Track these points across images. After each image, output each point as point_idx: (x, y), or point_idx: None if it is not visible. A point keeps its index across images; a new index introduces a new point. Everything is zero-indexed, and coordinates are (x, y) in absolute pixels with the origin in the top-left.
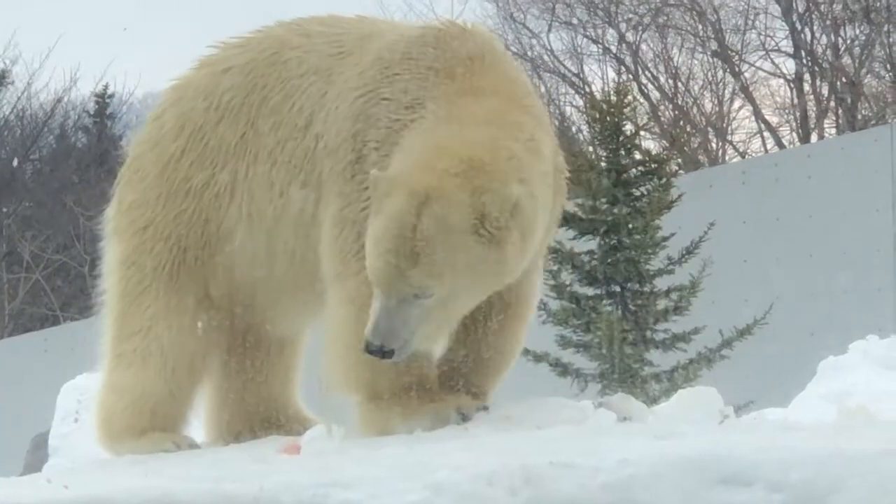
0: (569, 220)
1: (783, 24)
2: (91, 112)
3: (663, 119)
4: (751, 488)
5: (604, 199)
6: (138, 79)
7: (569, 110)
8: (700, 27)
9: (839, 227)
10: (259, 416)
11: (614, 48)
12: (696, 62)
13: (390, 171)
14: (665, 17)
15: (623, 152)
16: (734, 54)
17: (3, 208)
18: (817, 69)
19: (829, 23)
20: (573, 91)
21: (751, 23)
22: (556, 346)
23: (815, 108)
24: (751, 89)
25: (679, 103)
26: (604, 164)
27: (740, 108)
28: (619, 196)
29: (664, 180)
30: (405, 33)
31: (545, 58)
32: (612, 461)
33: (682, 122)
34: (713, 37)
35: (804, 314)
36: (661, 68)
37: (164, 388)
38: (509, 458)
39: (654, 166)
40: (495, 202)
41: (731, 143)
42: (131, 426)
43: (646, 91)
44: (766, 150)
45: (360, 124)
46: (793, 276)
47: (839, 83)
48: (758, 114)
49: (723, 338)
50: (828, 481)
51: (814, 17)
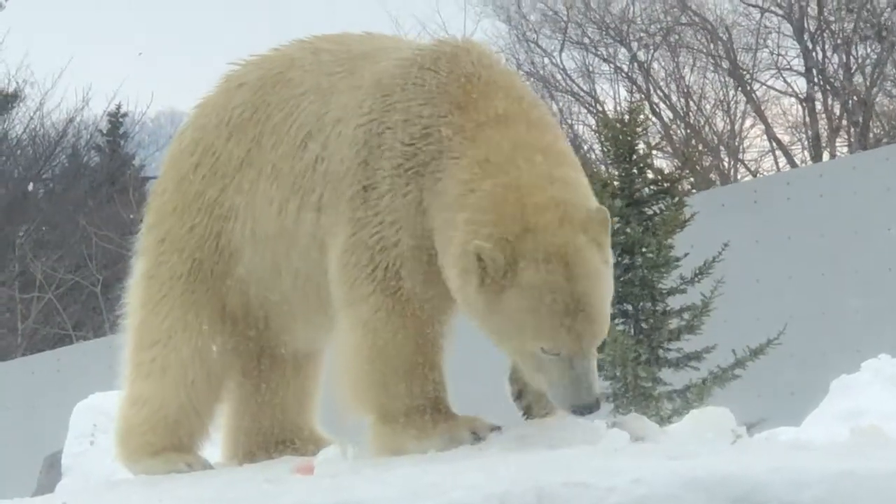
0: None
1: (795, 43)
2: (104, 131)
3: (675, 138)
4: None
5: (616, 219)
6: (151, 98)
7: (581, 129)
8: (712, 46)
9: (851, 246)
10: (274, 436)
11: (626, 67)
12: (707, 81)
13: (476, 235)
14: (677, 36)
15: (635, 171)
16: (746, 73)
17: (16, 229)
18: (829, 88)
19: (840, 42)
20: (585, 110)
21: (762, 42)
22: None
23: (826, 127)
24: (762, 108)
25: (691, 122)
26: (616, 184)
27: (752, 127)
28: (632, 215)
29: (676, 199)
30: (399, 56)
31: (557, 77)
32: (625, 481)
33: (694, 141)
34: (725, 56)
35: (816, 333)
36: (673, 87)
37: (185, 399)
38: (522, 479)
39: (666, 185)
40: (600, 230)
41: (742, 162)
42: (148, 443)
43: (658, 110)
44: (778, 169)
45: (367, 153)
46: (805, 295)
47: (851, 102)
48: (769, 133)
49: (735, 357)
50: (840, 501)
51: (825, 36)
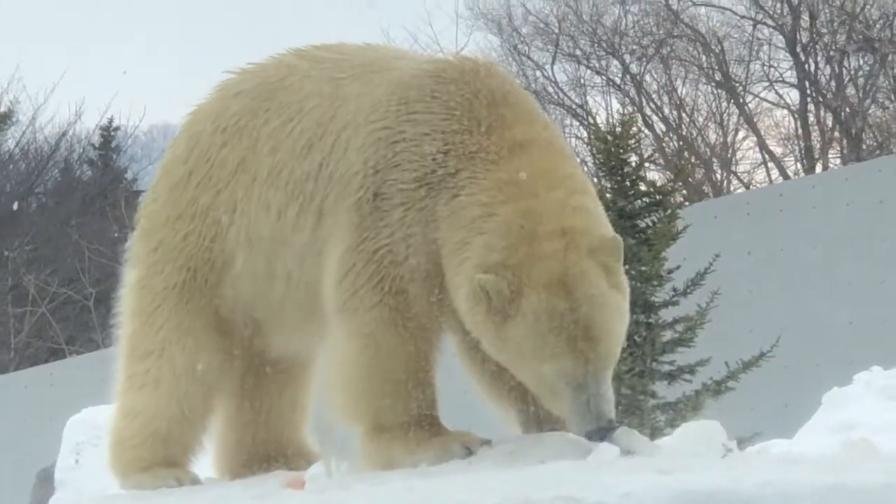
0: None
1: (787, 54)
2: (96, 145)
3: (668, 150)
4: None
5: None
6: (144, 111)
7: (573, 142)
8: (704, 58)
9: (844, 258)
10: (266, 451)
11: (618, 80)
12: (700, 93)
13: (486, 262)
14: (669, 49)
15: (628, 184)
16: (738, 85)
17: (9, 242)
18: (821, 100)
19: (832, 53)
20: (577, 123)
21: (755, 54)
22: None
23: (819, 139)
24: (755, 120)
25: (683, 134)
26: (609, 196)
27: (744, 139)
28: (625, 228)
29: (669, 212)
30: (418, 67)
31: (549, 89)
32: (615, 495)
33: (686, 154)
34: (717, 68)
35: (809, 345)
36: (666, 99)
37: (178, 411)
38: (513, 493)
39: (659, 198)
40: (611, 256)
41: (735, 173)
42: (139, 457)
43: (650, 122)
44: (771, 181)
45: (379, 161)
46: (797, 307)
47: (843, 113)
48: (762, 144)
49: (728, 369)
50: None
51: (818, 47)
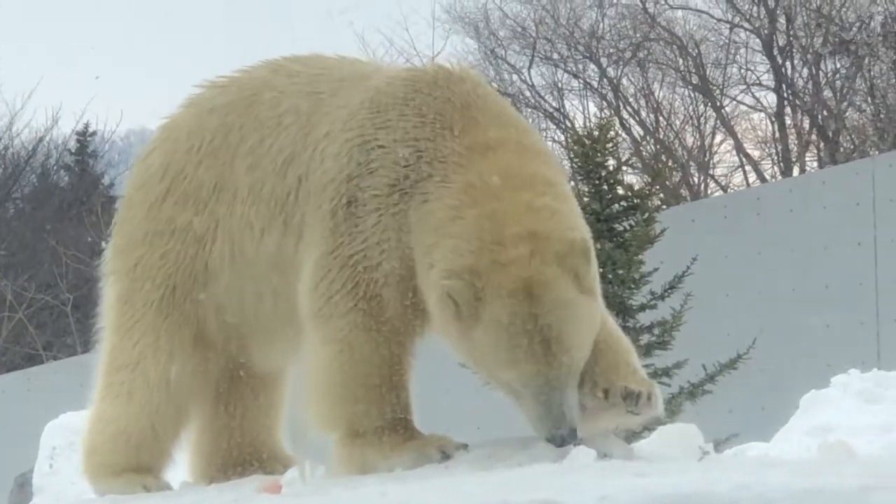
0: None
1: (764, 58)
2: (72, 150)
3: (645, 154)
4: None
5: None
6: (120, 116)
7: (550, 146)
8: (681, 62)
9: (821, 261)
10: (241, 455)
11: (595, 83)
12: (677, 97)
13: (452, 268)
14: (646, 52)
15: (605, 188)
16: (715, 88)
17: None
18: (798, 103)
19: (809, 56)
20: (554, 126)
21: (732, 57)
22: None
23: (796, 142)
24: (732, 123)
25: (661, 138)
26: (586, 200)
27: (722, 143)
28: (602, 231)
29: (646, 215)
30: (393, 75)
31: (526, 93)
32: (592, 499)
33: (664, 157)
34: (694, 71)
35: (786, 348)
36: (643, 103)
37: (148, 424)
38: (490, 497)
39: (636, 201)
40: (579, 260)
41: (713, 177)
42: (110, 462)
43: (627, 126)
44: (748, 184)
45: (354, 168)
46: (775, 310)
47: (820, 117)
48: (739, 148)
49: (706, 372)
50: None
51: (794, 50)
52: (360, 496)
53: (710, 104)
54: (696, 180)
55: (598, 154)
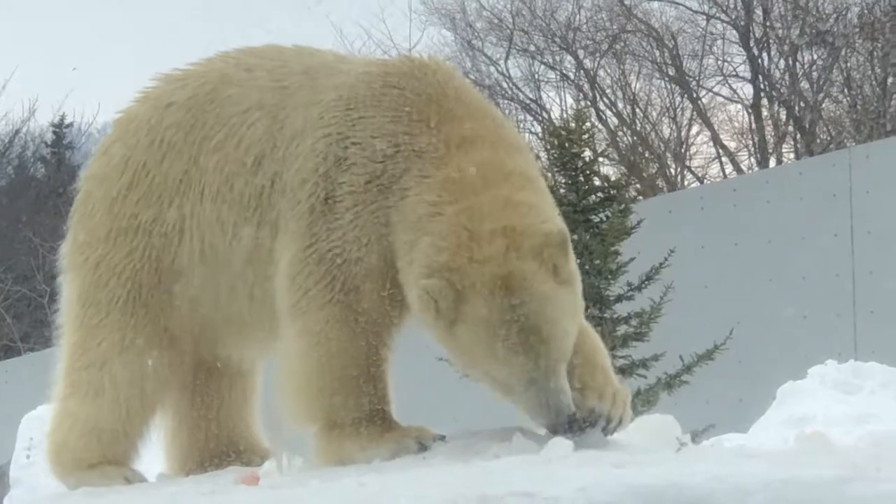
0: None
1: (741, 49)
2: (49, 143)
3: (622, 145)
4: None
5: None
6: (97, 108)
7: (527, 137)
8: (658, 53)
9: (798, 252)
10: (218, 447)
11: (572, 75)
12: (654, 88)
13: (431, 266)
14: (623, 44)
15: (582, 179)
16: (692, 80)
17: None
18: (775, 94)
19: (786, 48)
20: (531, 118)
21: (708, 48)
22: None
23: (773, 133)
24: (709, 115)
25: (637, 129)
26: (562, 191)
27: (698, 134)
28: (578, 222)
29: (623, 207)
30: (364, 70)
31: (503, 85)
32: (569, 490)
33: (640, 148)
34: (671, 63)
35: (764, 339)
36: (620, 94)
37: (117, 423)
38: (468, 488)
39: (612, 193)
40: (557, 252)
41: (689, 168)
42: (82, 458)
43: (604, 117)
44: (725, 176)
45: (329, 166)
46: (752, 301)
47: (797, 108)
48: (716, 139)
49: (683, 363)
50: None
51: (771, 42)
52: (337, 487)
53: (686, 95)
54: (672, 171)
55: (575, 145)
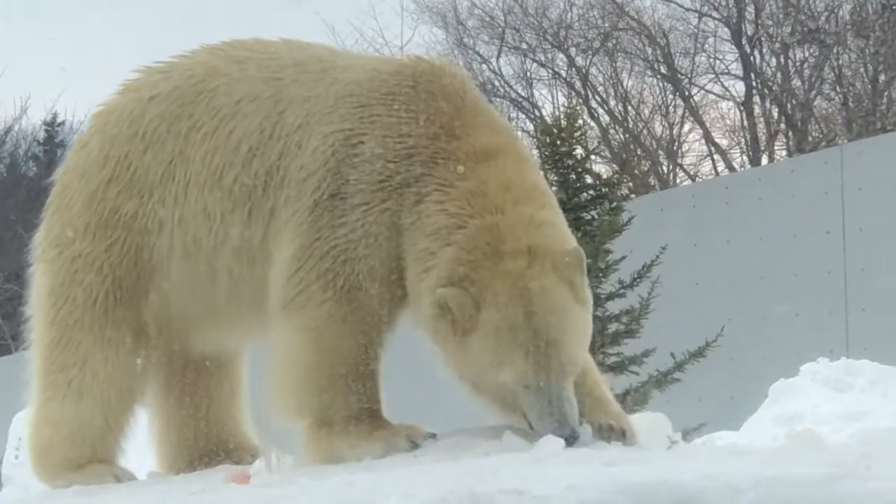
0: None
1: (732, 47)
2: (41, 141)
3: (613, 143)
4: None
5: None
6: (89, 106)
7: (519, 135)
8: (649, 51)
9: (790, 250)
10: (207, 446)
11: (564, 72)
12: (646, 86)
13: (450, 276)
14: (614, 42)
15: (573, 176)
16: (684, 78)
17: None
18: (767, 92)
19: (778, 45)
20: (523, 115)
21: (700, 46)
22: None
23: (765, 131)
24: (701, 112)
25: (629, 127)
26: (554, 189)
27: (690, 132)
28: (570, 220)
29: (615, 204)
30: (372, 67)
31: (495, 83)
32: (560, 488)
33: (632, 146)
34: (663, 60)
35: (756, 337)
36: (611, 92)
37: (102, 422)
38: (458, 486)
39: (604, 190)
40: (574, 270)
41: (681, 166)
42: (70, 459)
43: (596, 115)
44: (717, 173)
45: (338, 162)
46: (744, 298)
47: (789, 105)
48: (708, 137)
49: (675, 361)
50: None
51: (763, 39)
52: (327, 485)
53: (678, 93)
54: (664, 169)
55: (566, 143)
